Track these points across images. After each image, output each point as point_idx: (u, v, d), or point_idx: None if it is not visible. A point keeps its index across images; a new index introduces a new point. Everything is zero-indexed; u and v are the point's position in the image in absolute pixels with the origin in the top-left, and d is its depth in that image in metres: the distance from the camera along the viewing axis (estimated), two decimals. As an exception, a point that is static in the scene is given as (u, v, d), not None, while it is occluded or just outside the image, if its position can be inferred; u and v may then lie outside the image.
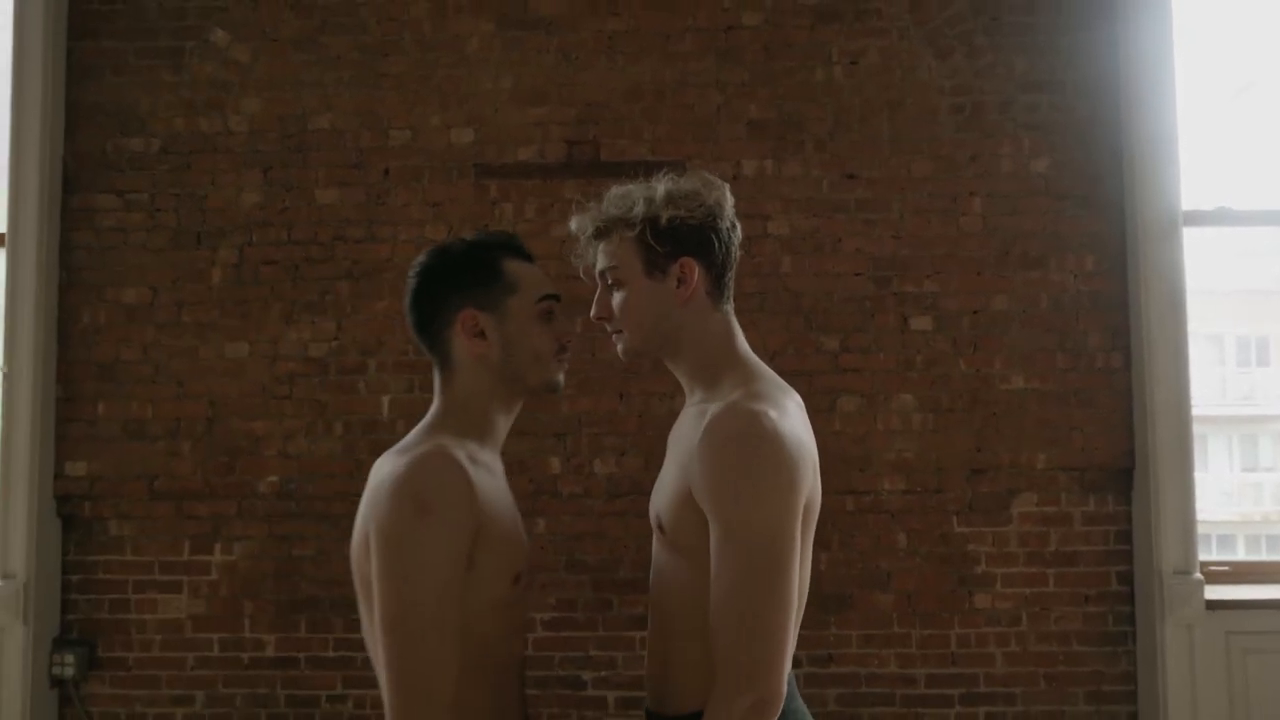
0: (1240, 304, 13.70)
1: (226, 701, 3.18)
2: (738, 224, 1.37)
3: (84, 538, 3.22)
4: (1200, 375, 13.17)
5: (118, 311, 3.23)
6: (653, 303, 1.33)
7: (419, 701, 1.13)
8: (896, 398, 3.13)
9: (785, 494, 1.15)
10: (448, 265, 1.37)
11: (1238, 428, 13.06)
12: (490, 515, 1.23)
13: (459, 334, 1.35)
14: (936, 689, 3.12)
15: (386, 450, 1.35)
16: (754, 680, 1.11)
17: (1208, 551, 4.52)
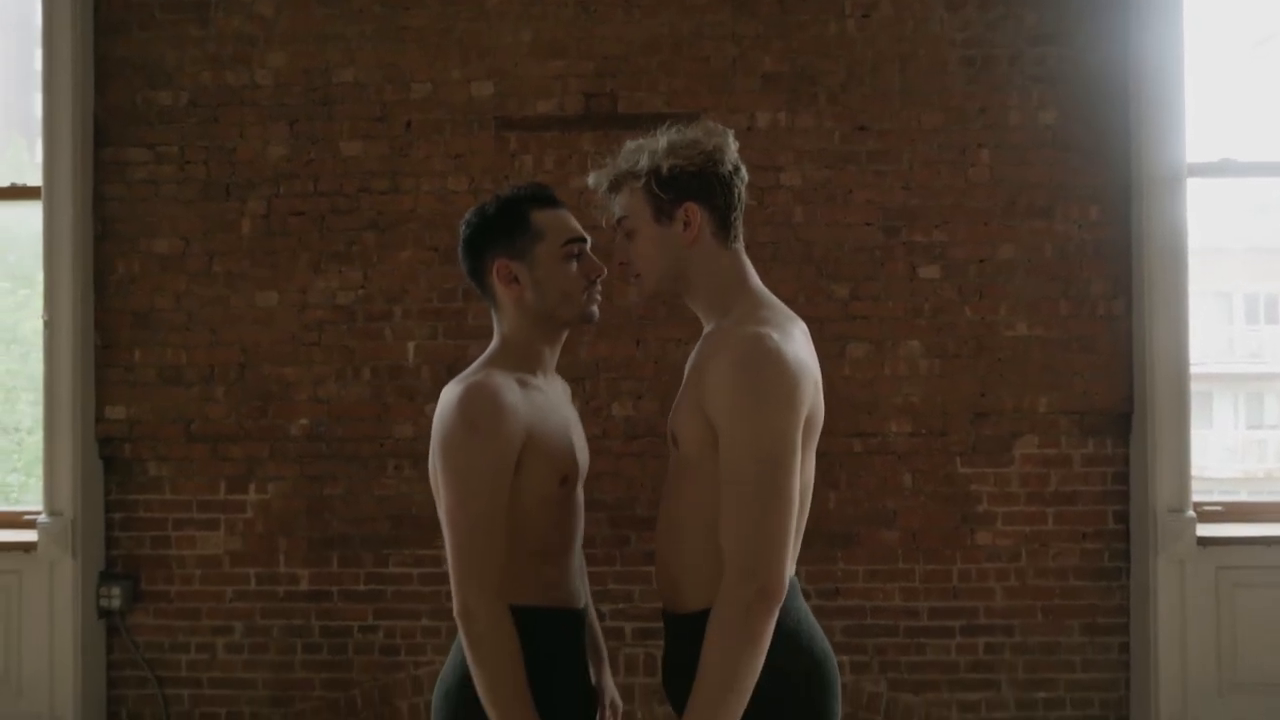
0: (1250, 261, 13.67)
1: (264, 632, 3.35)
2: (741, 168, 1.47)
3: (125, 478, 3.37)
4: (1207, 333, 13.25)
5: (151, 262, 3.34)
6: (662, 247, 1.44)
7: (472, 581, 1.37)
8: (904, 344, 3.24)
9: (786, 408, 1.27)
10: (484, 221, 1.55)
11: (1244, 385, 13.11)
12: (535, 429, 1.43)
13: (496, 281, 1.54)
14: (938, 621, 3.27)
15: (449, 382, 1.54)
16: (758, 573, 1.24)
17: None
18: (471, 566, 1.37)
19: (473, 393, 1.41)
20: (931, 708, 3.27)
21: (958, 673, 3.28)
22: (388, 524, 3.33)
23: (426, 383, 3.29)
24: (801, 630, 1.37)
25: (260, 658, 3.35)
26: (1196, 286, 3.17)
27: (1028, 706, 3.27)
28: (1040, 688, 3.27)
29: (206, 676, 3.36)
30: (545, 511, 1.47)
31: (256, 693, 3.35)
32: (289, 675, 3.34)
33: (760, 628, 1.25)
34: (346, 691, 3.33)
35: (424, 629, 3.32)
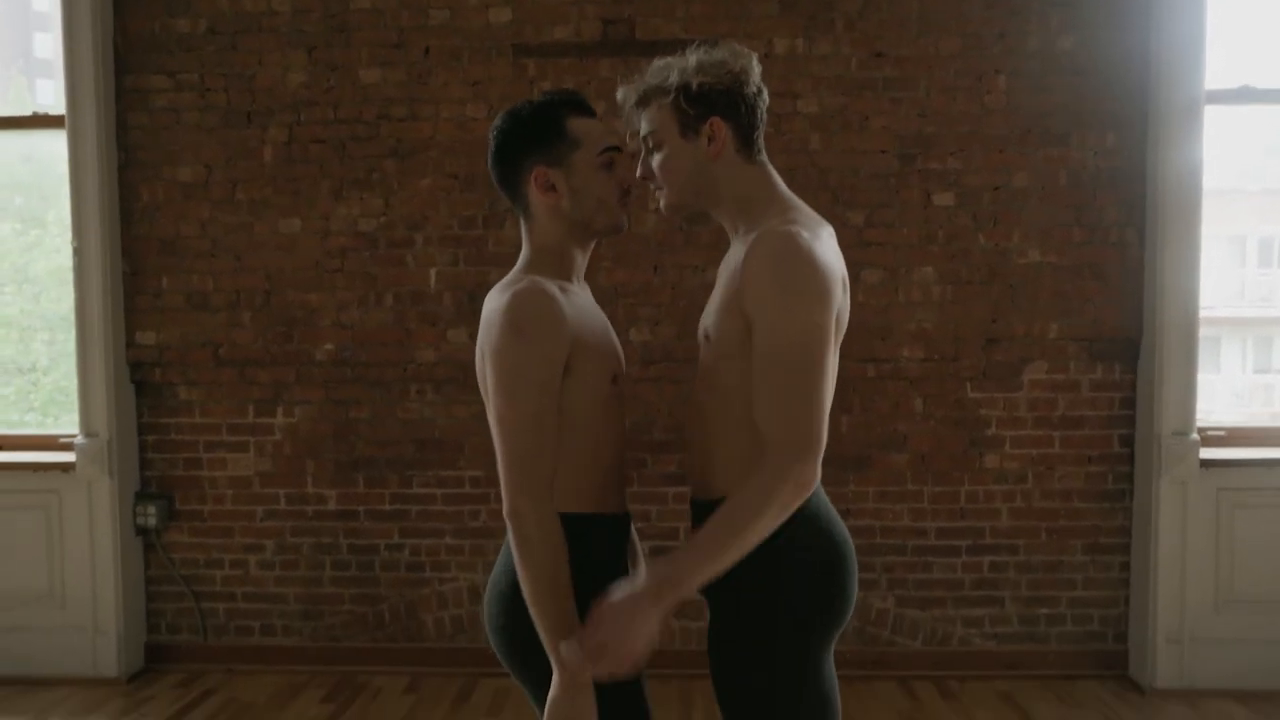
0: (1264, 204, 13.49)
1: (294, 550, 3.49)
2: (764, 90, 1.51)
3: (156, 402, 3.48)
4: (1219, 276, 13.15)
5: (175, 189, 3.39)
6: (687, 160, 1.48)
7: (522, 482, 1.38)
8: (918, 270, 3.29)
9: (818, 303, 1.32)
10: (518, 127, 1.51)
11: (1253, 329, 13.07)
12: (582, 330, 1.44)
13: (533, 188, 1.51)
14: (945, 541, 3.38)
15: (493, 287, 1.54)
16: (798, 446, 1.29)
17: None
18: (522, 468, 1.38)
19: (520, 298, 1.40)
20: (937, 623, 3.40)
21: (963, 590, 3.39)
22: (411, 446, 3.43)
23: (448, 308, 3.36)
24: (821, 515, 1.44)
25: (291, 574, 3.49)
26: (1209, 230, 3.18)
27: (1029, 622, 3.39)
28: (1042, 604, 3.39)
29: (240, 591, 3.51)
30: (598, 412, 1.47)
31: (288, 607, 3.50)
32: (319, 590, 3.49)
33: (789, 497, 1.29)
34: (374, 606, 3.47)
35: (448, 547, 3.45)
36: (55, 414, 4.23)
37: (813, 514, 1.42)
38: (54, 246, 8.55)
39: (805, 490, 1.30)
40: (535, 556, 1.36)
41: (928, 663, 3.39)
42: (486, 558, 3.38)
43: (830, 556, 1.43)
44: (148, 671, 3.48)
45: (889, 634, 3.40)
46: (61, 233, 8.27)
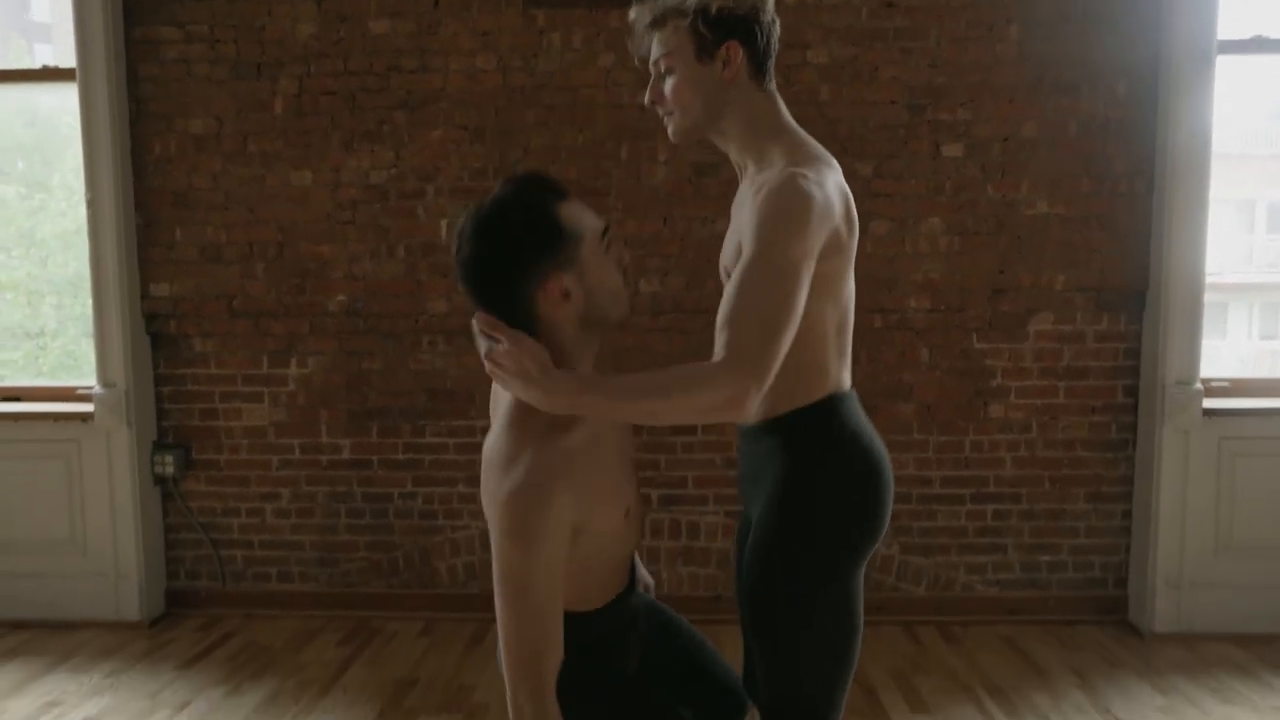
0: (1274, 169, 13.36)
1: (309, 499, 3.55)
2: (777, 19, 1.52)
3: (172, 353, 3.52)
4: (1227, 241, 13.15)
5: (186, 142, 3.41)
6: (701, 84, 1.49)
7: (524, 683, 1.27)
8: (925, 221, 3.31)
9: (799, 238, 1.33)
10: (515, 235, 1.27)
11: (1260, 295, 13.02)
12: (589, 494, 1.29)
13: (543, 300, 1.30)
14: (949, 489, 3.43)
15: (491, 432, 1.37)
16: (745, 374, 1.25)
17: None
18: (524, 669, 1.26)
19: (520, 501, 1.23)
20: (940, 569, 3.46)
21: (966, 537, 3.45)
22: (424, 397, 3.48)
23: (459, 260, 3.38)
24: (862, 433, 1.49)
25: (306, 522, 3.56)
26: (1217, 194, 3.18)
27: (1031, 569, 3.45)
28: (1044, 551, 3.45)
29: (257, 539, 3.58)
30: (612, 544, 1.38)
31: (304, 554, 3.57)
32: (334, 538, 3.56)
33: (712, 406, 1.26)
34: (389, 553, 3.54)
35: (460, 495, 3.51)
36: (64, 378, 4.28)
37: (854, 433, 1.47)
38: (59, 210, 8.57)
39: (733, 411, 1.26)
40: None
41: (931, 608, 3.46)
42: (498, 506, 3.44)
43: (869, 474, 1.48)
44: (168, 616, 3.56)
45: (893, 580, 3.47)
46: (67, 196, 8.30)
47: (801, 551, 1.45)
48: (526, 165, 3.33)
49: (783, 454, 1.48)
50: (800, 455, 1.47)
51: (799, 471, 1.45)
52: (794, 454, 1.47)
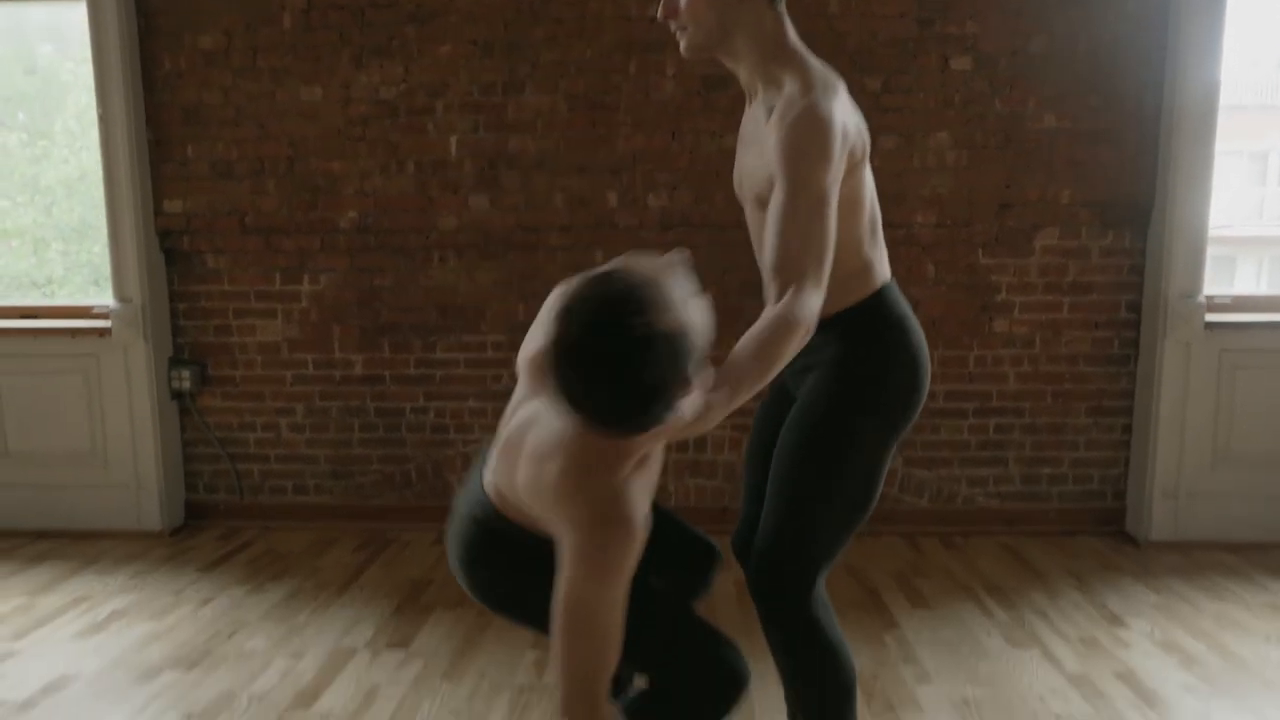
0: (1289, 119, 13.17)
1: (323, 413, 3.62)
2: None
3: (186, 270, 3.57)
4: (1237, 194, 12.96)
5: (196, 57, 3.42)
6: (714, 1, 1.53)
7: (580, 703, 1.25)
8: (933, 136, 3.32)
9: (830, 167, 1.43)
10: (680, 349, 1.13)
11: (1269, 248, 12.95)
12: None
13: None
14: (953, 403, 3.49)
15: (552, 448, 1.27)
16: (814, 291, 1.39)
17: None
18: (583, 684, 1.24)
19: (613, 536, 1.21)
20: (943, 482, 3.54)
21: (969, 450, 3.52)
22: (434, 313, 3.53)
23: (469, 175, 3.42)
24: (906, 320, 1.62)
25: (321, 436, 3.63)
26: (1228, 146, 3.19)
27: (1031, 481, 3.52)
28: (1044, 464, 3.51)
29: (273, 453, 3.66)
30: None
31: (319, 467, 3.65)
32: (348, 451, 3.63)
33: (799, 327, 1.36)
34: (401, 466, 3.62)
35: (470, 410, 3.57)
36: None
37: (900, 317, 1.62)
38: (62, 157, 8.56)
39: (812, 319, 1.38)
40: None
41: (933, 520, 3.53)
42: (509, 420, 3.51)
43: (915, 358, 1.61)
44: (187, 527, 3.65)
45: (896, 492, 3.54)
46: (69, 143, 8.28)
47: (850, 417, 1.56)
48: (536, 82, 3.34)
49: (839, 343, 1.58)
50: (856, 340, 1.58)
51: (854, 353, 1.57)
52: (850, 341, 1.58)
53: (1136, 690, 2.30)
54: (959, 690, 2.32)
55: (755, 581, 1.61)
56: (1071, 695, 2.28)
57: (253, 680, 2.39)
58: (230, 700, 2.28)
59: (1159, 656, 2.49)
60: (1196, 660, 2.47)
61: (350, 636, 2.65)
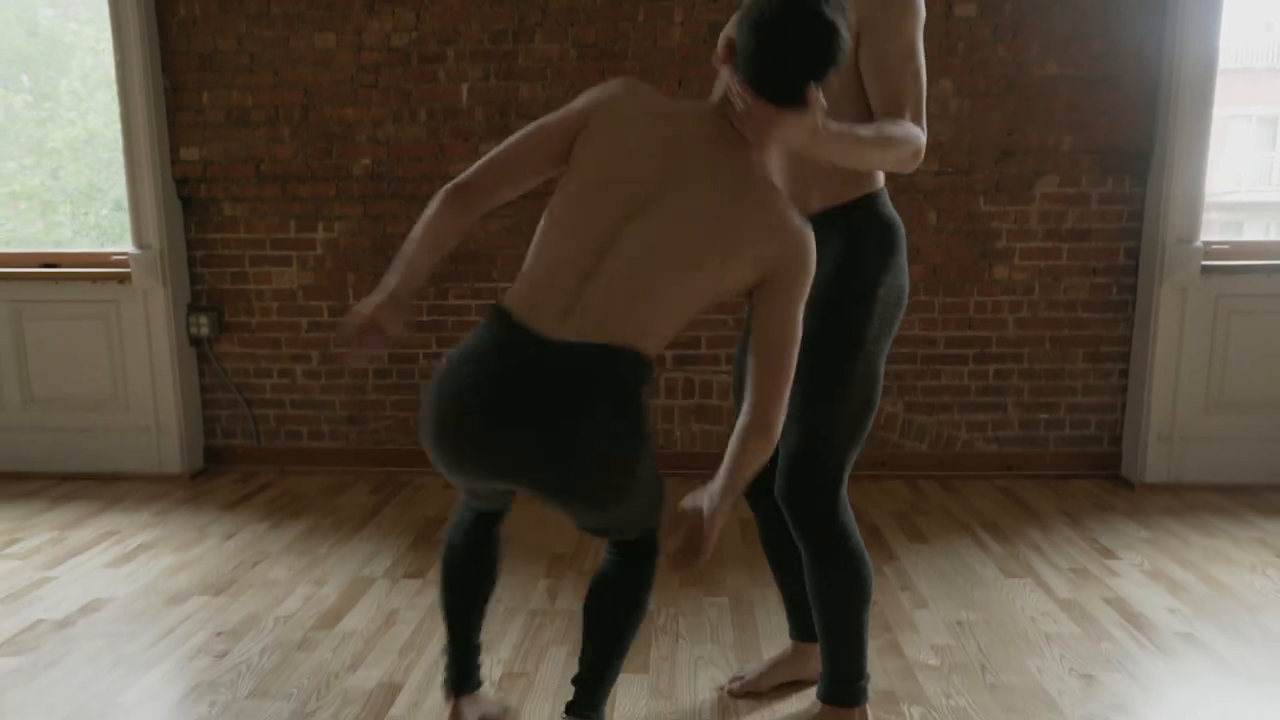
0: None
1: (337, 360, 3.71)
2: None
3: (203, 218, 3.64)
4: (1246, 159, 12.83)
5: (210, 4, 3.46)
6: None
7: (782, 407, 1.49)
8: (937, 83, 3.36)
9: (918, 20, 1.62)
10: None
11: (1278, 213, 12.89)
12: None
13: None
14: (953, 349, 3.56)
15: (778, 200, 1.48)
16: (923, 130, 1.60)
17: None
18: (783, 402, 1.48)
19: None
20: (942, 428, 3.62)
21: (968, 396, 3.60)
22: (446, 259, 3.59)
23: (480, 123, 3.47)
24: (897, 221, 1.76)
25: (336, 382, 3.73)
26: (1238, 110, 3.22)
27: (1030, 426, 3.61)
28: (1042, 410, 3.59)
29: (289, 399, 3.75)
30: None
31: (334, 413, 3.75)
32: (362, 397, 3.72)
33: (914, 155, 1.58)
34: (414, 411, 3.71)
35: (483, 356, 3.65)
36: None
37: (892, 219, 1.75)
38: (68, 119, 8.56)
39: (915, 163, 1.60)
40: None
41: (932, 464, 3.62)
42: (519, 365, 3.60)
43: (903, 259, 1.74)
44: (206, 470, 3.76)
45: (897, 437, 3.63)
46: (75, 104, 8.27)
47: (855, 318, 1.66)
48: (546, 30, 3.38)
49: (845, 234, 1.69)
50: (857, 234, 1.69)
51: (858, 248, 1.68)
52: (853, 233, 1.69)
53: (1123, 613, 2.40)
54: (954, 614, 2.42)
55: (789, 485, 1.69)
56: (1061, 618, 2.38)
57: (278, 604, 2.50)
58: (257, 620, 2.39)
59: (1147, 585, 2.59)
60: (1183, 587, 2.56)
61: (369, 567, 2.76)
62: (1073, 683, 2.05)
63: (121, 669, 2.13)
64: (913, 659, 2.17)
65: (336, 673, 2.12)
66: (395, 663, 2.16)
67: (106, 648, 2.24)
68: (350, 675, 2.11)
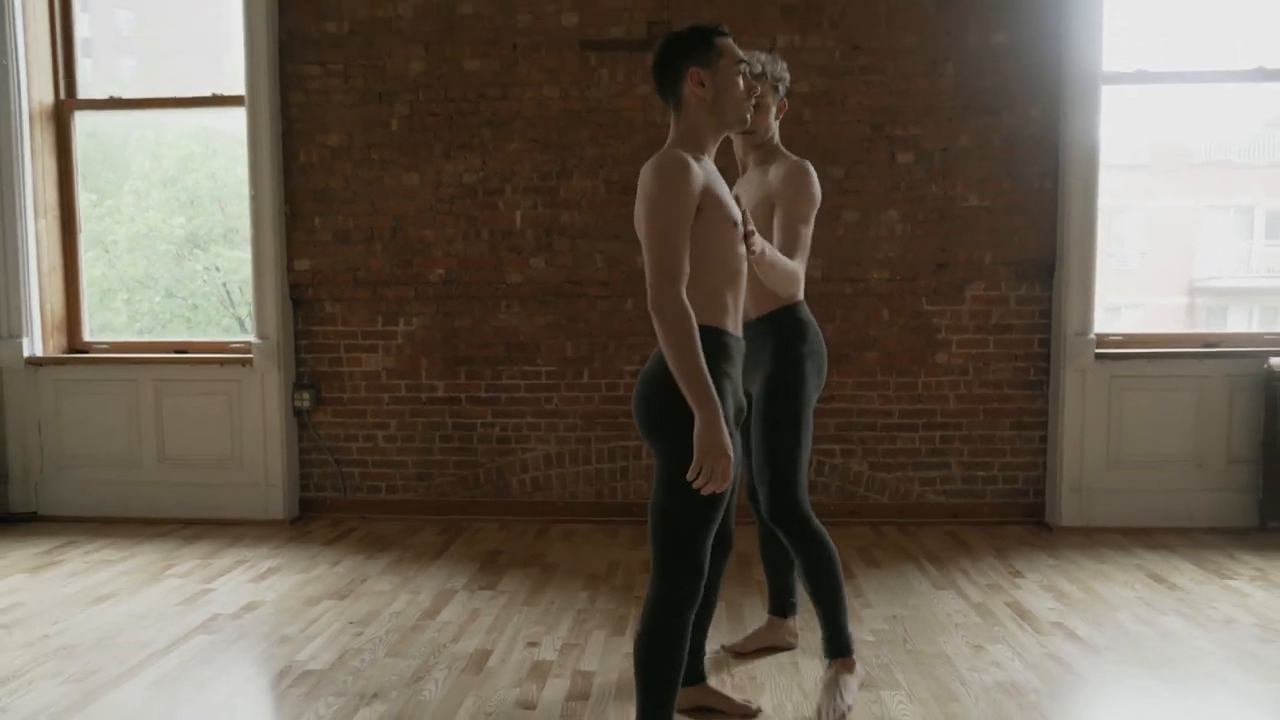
0: (1271, 176, 14.10)
1: (411, 428, 4.61)
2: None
3: (309, 314, 4.60)
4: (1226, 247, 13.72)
5: (325, 152, 4.49)
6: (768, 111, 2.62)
7: (662, 274, 1.85)
8: (884, 213, 4.34)
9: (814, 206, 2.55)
10: (680, 42, 2.00)
11: (1260, 299, 13.74)
12: (709, 186, 1.94)
13: (688, 84, 1.99)
14: (906, 419, 4.46)
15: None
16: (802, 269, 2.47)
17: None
18: (660, 266, 1.84)
19: (664, 160, 1.90)
20: (900, 483, 4.48)
21: (920, 457, 4.47)
22: (502, 348, 4.54)
23: (530, 242, 4.45)
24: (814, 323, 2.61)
25: (409, 445, 4.62)
26: (1217, 200, 4.21)
27: (970, 481, 4.47)
28: (980, 468, 4.46)
29: (370, 459, 4.65)
30: (722, 243, 1.97)
31: (407, 470, 4.63)
32: (430, 458, 4.62)
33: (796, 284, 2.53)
34: (472, 470, 4.60)
35: (528, 425, 4.56)
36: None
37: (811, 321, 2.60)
38: (128, 215, 9.77)
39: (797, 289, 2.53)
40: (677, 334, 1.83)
41: (892, 512, 4.48)
42: (558, 432, 4.51)
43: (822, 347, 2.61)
44: (302, 517, 4.63)
45: (863, 491, 4.49)
46: (135, 203, 9.48)
47: (792, 394, 2.51)
48: (583, 170, 4.40)
49: (776, 334, 2.54)
50: (786, 332, 2.53)
51: (787, 346, 2.53)
52: (781, 333, 2.53)
53: (1016, 611, 3.24)
54: (891, 611, 3.25)
55: (770, 508, 2.54)
56: (970, 613, 3.22)
57: (388, 605, 3.35)
58: (376, 615, 3.24)
59: (1040, 594, 3.42)
60: (1066, 595, 3.40)
61: (450, 582, 3.61)
62: (966, 650, 2.89)
63: (290, 641, 2.99)
64: (858, 637, 3.00)
65: (444, 644, 2.96)
66: (484, 638, 3.01)
67: (273, 629, 3.10)
68: (453, 645, 2.95)
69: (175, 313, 9.70)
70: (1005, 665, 2.77)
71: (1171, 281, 13.77)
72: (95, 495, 4.60)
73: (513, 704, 2.52)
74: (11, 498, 4.63)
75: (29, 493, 4.63)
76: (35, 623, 3.17)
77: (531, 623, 3.16)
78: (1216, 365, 4.27)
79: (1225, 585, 3.49)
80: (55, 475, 4.63)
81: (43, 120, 4.63)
